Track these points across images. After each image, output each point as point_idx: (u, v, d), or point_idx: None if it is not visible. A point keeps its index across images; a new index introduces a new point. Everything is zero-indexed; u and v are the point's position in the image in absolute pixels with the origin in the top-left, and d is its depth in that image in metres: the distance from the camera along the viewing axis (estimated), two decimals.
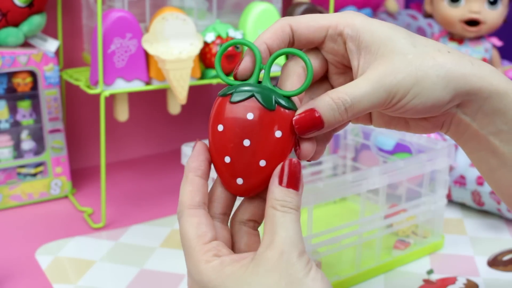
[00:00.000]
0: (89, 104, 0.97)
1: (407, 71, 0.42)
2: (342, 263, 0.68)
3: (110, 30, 0.74)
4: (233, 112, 0.41)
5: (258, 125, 0.40)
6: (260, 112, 0.40)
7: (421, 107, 0.43)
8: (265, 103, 0.40)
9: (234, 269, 0.39)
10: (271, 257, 0.38)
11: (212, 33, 0.80)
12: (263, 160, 0.41)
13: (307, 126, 0.41)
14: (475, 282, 0.66)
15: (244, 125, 0.40)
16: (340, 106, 0.41)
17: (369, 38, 0.43)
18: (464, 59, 0.43)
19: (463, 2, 0.91)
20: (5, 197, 0.83)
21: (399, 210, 0.69)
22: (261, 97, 0.40)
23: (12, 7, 0.80)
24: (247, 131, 0.40)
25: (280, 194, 0.40)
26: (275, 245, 0.38)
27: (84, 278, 0.66)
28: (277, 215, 0.39)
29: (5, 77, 0.82)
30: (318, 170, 0.86)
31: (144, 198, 0.89)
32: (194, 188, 0.42)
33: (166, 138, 1.08)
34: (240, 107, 0.41)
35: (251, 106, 0.40)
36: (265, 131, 0.40)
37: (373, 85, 0.41)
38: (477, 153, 0.46)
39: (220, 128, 0.41)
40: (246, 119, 0.40)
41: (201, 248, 0.40)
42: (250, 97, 0.40)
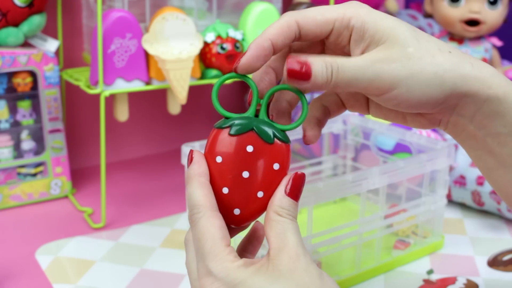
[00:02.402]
0: (89, 104, 0.97)
1: (403, 63, 0.42)
2: (342, 263, 0.68)
3: (110, 30, 0.74)
4: (233, 144, 0.42)
5: (257, 157, 0.42)
6: (260, 145, 0.42)
7: (415, 102, 0.43)
8: (264, 137, 0.42)
9: (256, 269, 0.40)
10: (288, 260, 0.40)
11: (212, 33, 0.80)
12: (261, 192, 0.42)
13: (297, 72, 0.42)
14: (475, 282, 0.66)
15: (244, 157, 0.42)
16: (329, 68, 0.42)
17: (373, 28, 0.43)
18: (465, 61, 0.43)
19: (463, 2, 0.91)
20: (5, 197, 0.83)
21: (399, 210, 0.69)
22: (261, 131, 0.42)
23: (12, 7, 0.80)
24: (247, 163, 0.42)
25: (287, 203, 0.42)
26: (290, 248, 0.40)
27: (84, 278, 0.66)
28: (283, 221, 0.41)
29: (5, 77, 0.82)
30: (318, 170, 0.86)
31: (144, 198, 0.89)
32: (208, 192, 0.43)
33: (166, 138, 1.08)
34: (240, 140, 0.42)
35: (251, 139, 0.42)
36: (263, 163, 0.42)
37: (363, 64, 0.42)
38: (475, 152, 0.46)
39: (219, 160, 0.42)
40: (246, 152, 0.42)
41: (225, 248, 0.41)
42: (249, 131, 0.42)
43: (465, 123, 0.45)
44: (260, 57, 0.43)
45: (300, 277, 0.39)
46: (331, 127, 0.83)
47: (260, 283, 0.39)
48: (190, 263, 0.43)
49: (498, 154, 0.44)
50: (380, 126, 0.80)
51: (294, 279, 0.39)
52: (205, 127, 1.12)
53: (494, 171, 0.46)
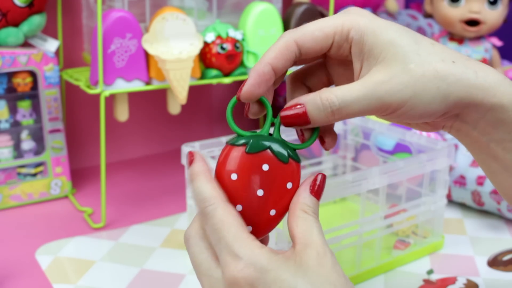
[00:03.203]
0: (89, 104, 0.97)
1: (405, 83, 0.41)
2: (342, 263, 0.68)
3: (110, 30, 0.74)
4: (249, 163, 0.42)
5: (273, 176, 0.42)
6: (275, 164, 0.42)
7: (417, 116, 0.42)
8: (280, 156, 0.42)
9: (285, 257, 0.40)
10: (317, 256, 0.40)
11: (212, 33, 0.80)
12: (274, 210, 0.43)
13: (292, 120, 0.42)
14: (475, 282, 0.66)
15: (259, 175, 0.42)
16: (327, 108, 0.41)
17: (372, 41, 0.42)
18: (469, 70, 0.42)
19: (463, 2, 0.91)
20: (5, 197, 0.83)
21: (399, 210, 0.69)
22: (276, 150, 0.42)
23: (12, 7, 0.80)
24: (262, 182, 0.42)
25: (311, 201, 0.42)
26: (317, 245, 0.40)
27: (84, 278, 0.66)
28: (310, 218, 0.42)
29: (5, 77, 0.82)
30: (318, 170, 0.86)
31: (144, 198, 0.89)
32: (217, 185, 0.42)
33: (166, 138, 1.08)
34: (257, 158, 0.42)
35: (267, 158, 0.42)
36: (278, 182, 0.42)
37: (366, 92, 0.41)
38: (479, 155, 0.46)
39: (234, 177, 0.42)
40: (262, 170, 0.42)
41: (250, 235, 0.40)
42: (265, 149, 0.42)
43: (468, 129, 0.44)
44: (262, 84, 0.42)
45: (328, 273, 0.39)
46: None
47: (289, 273, 0.39)
48: (198, 254, 0.42)
49: (502, 159, 0.44)
50: (380, 126, 0.80)
51: (322, 275, 0.39)
52: (205, 127, 1.12)
53: (498, 175, 0.45)
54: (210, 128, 1.12)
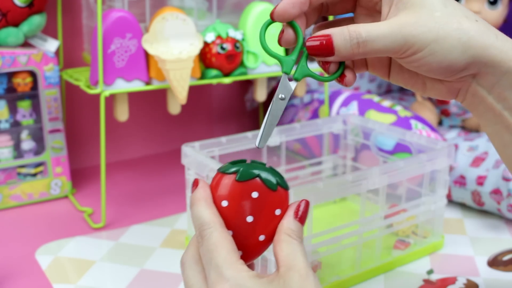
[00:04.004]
0: (89, 104, 0.97)
1: (430, 27, 0.42)
2: (342, 263, 0.68)
3: (110, 30, 0.74)
4: (239, 190, 0.43)
5: (262, 203, 0.43)
6: (264, 192, 0.43)
7: (435, 66, 0.43)
8: (269, 184, 0.43)
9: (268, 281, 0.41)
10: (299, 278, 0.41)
11: (212, 33, 0.80)
12: (263, 235, 0.44)
13: (318, 49, 0.43)
14: (475, 282, 0.66)
15: (249, 202, 0.43)
16: (353, 39, 0.42)
17: None
18: (490, 31, 0.43)
19: (463, 2, 0.91)
20: (5, 197, 0.83)
21: (399, 210, 0.69)
22: (265, 179, 0.43)
23: (12, 7, 0.80)
24: (251, 209, 0.43)
25: (295, 226, 0.44)
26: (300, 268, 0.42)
27: (84, 278, 0.66)
28: (294, 242, 0.43)
29: (5, 77, 0.82)
30: (318, 170, 0.86)
31: (144, 198, 0.89)
32: (216, 212, 0.44)
33: (166, 138, 1.08)
34: (246, 186, 0.43)
35: (256, 186, 0.43)
36: (267, 209, 0.44)
37: (392, 29, 0.42)
38: (492, 126, 0.46)
39: (225, 204, 0.44)
40: (251, 197, 0.43)
41: (239, 259, 0.42)
42: (255, 177, 0.43)
43: (483, 94, 0.45)
44: (296, 4, 0.43)
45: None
46: (331, 127, 0.83)
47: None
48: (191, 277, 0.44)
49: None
50: (380, 126, 0.80)
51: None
52: (205, 127, 1.12)
53: (509, 147, 0.46)
54: (210, 128, 1.12)
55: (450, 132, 0.94)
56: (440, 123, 1.00)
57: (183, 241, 0.75)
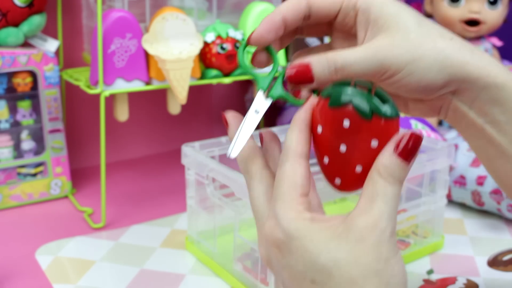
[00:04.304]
0: (89, 104, 0.97)
1: (405, 49, 0.42)
2: None
3: (110, 30, 0.74)
4: (330, 117, 0.41)
5: (354, 133, 0.40)
6: (357, 120, 0.39)
7: (414, 86, 0.43)
8: (361, 112, 0.39)
9: (323, 226, 0.38)
10: (364, 227, 0.37)
11: (212, 33, 0.80)
12: (360, 166, 0.40)
13: (298, 77, 0.42)
14: (475, 282, 0.66)
15: (340, 132, 0.40)
16: (331, 66, 0.42)
17: (378, 12, 0.44)
18: (465, 48, 0.44)
19: (463, 2, 0.91)
20: (5, 197, 0.83)
21: (399, 210, 0.69)
22: (357, 106, 0.39)
23: (12, 7, 0.80)
24: (343, 138, 0.40)
25: (390, 162, 0.38)
26: (371, 215, 0.37)
27: (84, 278, 0.66)
28: (380, 182, 0.38)
29: (5, 77, 0.82)
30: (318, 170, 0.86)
31: (144, 198, 0.89)
32: (303, 138, 0.42)
33: (166, 138, 1.08)
34: (337, 113, 0.40)
35: (348, 114, 0.40)
36: (361, 140, 0.40)
37: (368, 53, 0.42)
38: (476, 141, 0.46)
39: (319, 130, 0.41)
40: (342, 127, 0.40)
41: (297, 197, 0.39)
42: (347, 104, 0.40)
43: (464, 110, 0.45)
44: (272, 31, 0.44)
45: (363, 253, 0.37)
46: None
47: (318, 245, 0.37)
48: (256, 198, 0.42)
49: (498, 144, 0.45)
50: None
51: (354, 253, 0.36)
52: (205, 127, 1.12)
53: (494, 161, 0.46)
54: (210, 128, 1.12)
55: (450, 132, 0.94)
56: (440, 123, 1.00)
57: (183, 241, 0.75)
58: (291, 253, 0.38)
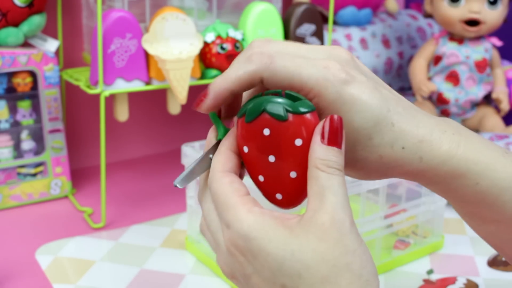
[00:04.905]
0: (89, 104, 0.97)
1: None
2: None
3: (110, 30, 0.74)
4: (250, 133, 0.40)
5: (277, 139, 0.39)
6: (275, 125, 0.39)
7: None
8: (275, 115, 0.39)
9: (278, 224, 0.36)
10: (322, 224, 0.35)
11: (212, 33, 0.80)
12: (293, 172, 0.39)
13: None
14: (475, 282, 0.66)
15: (263, 143, 0.40)
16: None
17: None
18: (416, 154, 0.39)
19: (463, 2, 0.91)
20: (5, 197, 0.83)
21: (399, 210, 0.69)
22: (271, 111, 0.39)
23: (12, 7, 0.80)
24: (269, 148, 0.40)
25: (323, 153, 0.37)
26: (326, 211, 0.36)
27: (84, 278, 0.66)
28: (322, 176, 0.37)
29: (5, 77, 0.82)
30: None
31: (144, 198, 0.89)
32: (224, 157, 0.40)
33: (166, 138, 1.08)
34: (255, 126, 0.40)
35: (265, 122, 0.39)
36: (284, 143, 0.39)
37: None
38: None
39: (246, 150, 0.41)
40: (263, 137, 0.39)
41: (239, 199, 0.37)
42: (262, 113, 0.39)
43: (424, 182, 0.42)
44: (219, 103, 0.41)
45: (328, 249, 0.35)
46: None
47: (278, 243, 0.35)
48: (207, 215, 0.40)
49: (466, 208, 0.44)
50: None
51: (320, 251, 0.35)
52: (205, 127, 1.12)
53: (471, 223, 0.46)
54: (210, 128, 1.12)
55: None
56: None
57: (183, 241, 0.75)
58: (255, 257, 0.36)
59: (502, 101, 0.94)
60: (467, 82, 0.93)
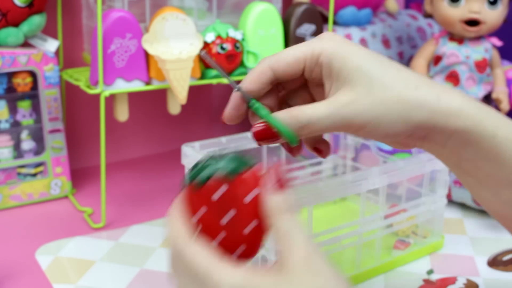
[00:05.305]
0: (89, 104, 0.97)
1: (368, 105, 0.43)
2: (342, 263, 0.68)
3: (110, 30, 0.74)
4: (201, 198, 0.41)
5: (227, 200, 0.41)
6: (224, 187, 0.41)
7: (382, 136, 0.44)
8: (221, 178, 0.41)
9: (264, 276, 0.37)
10: (299, 265, 0.37)
11: (212, 33, 0.80)
12: (248, 227, 0.41)
13: (263, 136, 0.45)
14: (475, 282, 0.66)
15: (216, 205, 0.41)
16: (296, 124, 0.44)
17: (340, 65, 0.44)
18: (432, 95, 0.43)
19: (463, 2, 0.91)
20: (5, 197, 0.83)
21: (399, 210, 0.69)
22: (217, 175, 0.41)
23: (12, 7, 0.80)
24: (222, 209, 0.41)
25: (276, 201, 0.40)
26: (297, 252, 0.38)
27: (84, 278, 0.66)
28: (282, 221, 0.39)
29: (5, 77, 0.82)
30: (318, 170, 0.86)
31: (144, 198, 0.89)
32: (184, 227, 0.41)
33: (166, 138, 1.08)
34: (205, 191, 0.41)
35: (213, 187, 0.41)
36: (235, 202, 0.41)
37: (331, 111, 0.43)
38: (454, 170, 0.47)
39: (198, 216, 0.42)
40: (215, 200, 0.41)
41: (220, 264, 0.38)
42: (208, 179, 0.41)
43: (438, 148, 0.45)
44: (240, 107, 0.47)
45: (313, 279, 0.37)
46: None
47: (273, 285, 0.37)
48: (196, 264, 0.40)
49: (475, 176, 0.45)
50: None
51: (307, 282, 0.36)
52: (205, 127, 1.12)
53: (475, 189, 0.47)
54: (210, 128, 1.12)
55: None
56: None
57: None
58: None
59: (502, 101, 0.94)
60: (467, 82, 0.93)
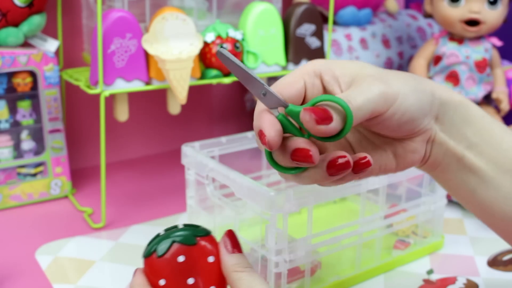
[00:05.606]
0: (89, 104, 0.97)
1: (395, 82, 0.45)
2: (342, 263, 0.68)
3: (110, 30, 0.74)
4: (165, 264, 0.45)
5: (192, 262, 0.45)
6: (187, 251, 0.45)
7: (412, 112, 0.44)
8: (187, 242, 0.45)
9: None
10: None
11: (212, 33, 0.80)
12: (213, 286, 0.45)
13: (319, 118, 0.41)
14: (475, 282, 0.66)
15: (180, 269, 0.45)
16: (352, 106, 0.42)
17: (340, 71, 0.45)
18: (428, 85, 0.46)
19: (463, 2, 0.91)
20: (5, 197, 0.83)
21: (399, 210, 0.69)
22: (182, 240, 0.45)
23: (12, 7, 0.80)
24: (186, 272, 0.45)
25: (235, 259, 0.45)
26: None
27: (84, 278, 0.66)
28: (244, 276, 0.44)
29: (5, 77, 0.82)
30: None
31: (144, 198, 0.89)
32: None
33: (166, 138, 1.08)
34: (169, 257, 0.45)
35: (178, 250, 0.45)
36: (199, 263, 0.45)
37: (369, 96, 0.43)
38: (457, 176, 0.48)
39: (163, 283, 0.44)
40: (179, 263, 0.44)
41: None
42: (171, 245, 0.45)
43: (446, 140, 0.47)
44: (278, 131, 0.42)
45: None
46: None
47: None
48: None
49: (477, 169, 0.47)
50: None
51: None
52: (205, 127, 1.12)
53: (477, 191, 0.47)
54: (210, 128, 1.13)
55: None
56: None
57: None
58: None
59: (502, 101, 0.94)
60: (467, 82, 0.93)
